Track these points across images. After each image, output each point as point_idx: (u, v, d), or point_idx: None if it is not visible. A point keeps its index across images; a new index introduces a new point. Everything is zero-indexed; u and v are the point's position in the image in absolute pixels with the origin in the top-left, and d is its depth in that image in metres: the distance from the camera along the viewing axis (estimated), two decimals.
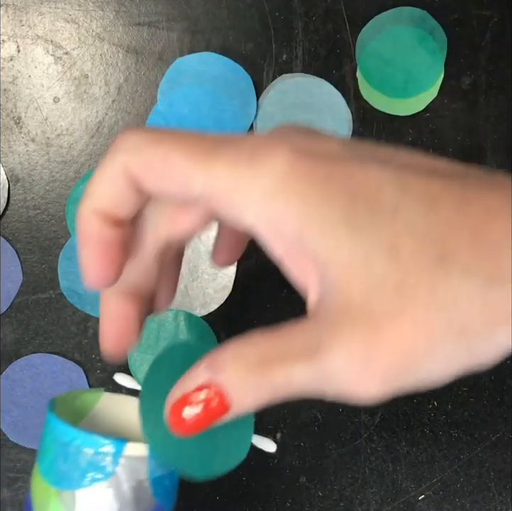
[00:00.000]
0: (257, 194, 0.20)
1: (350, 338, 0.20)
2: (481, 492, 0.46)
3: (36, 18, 0.46)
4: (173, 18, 0.46)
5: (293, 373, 0.21)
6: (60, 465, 0.26)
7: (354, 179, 0.20)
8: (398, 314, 0.19)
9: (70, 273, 0.46)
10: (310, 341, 0.21)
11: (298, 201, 0.20)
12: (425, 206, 0.20)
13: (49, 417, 0.28)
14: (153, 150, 0.22)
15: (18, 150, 0.46)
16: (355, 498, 0.46)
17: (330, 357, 0.20)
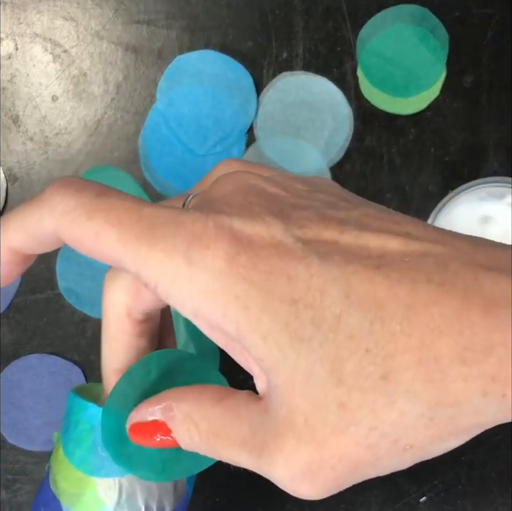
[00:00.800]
0: (194, 291, 0.20)
1: (293, 450, 0.20)
2: (482, 494, 0.46)
3: (34, 16, 0.46)
4: (172, 16, 0.46)
5: (236, 457, 0.21)
6: (99, 454, 0.25)
7: (296, 282, 0.19)
8: (341, 432, 0.19)
9: (69, 273, 0.46)
10: (256, 432, 0.21)
11: (238, 305, 0.19)
12: (370, 315, 0.19)
13: (84, 405, 0.27)
14: (84, 223, 0.21)
15: (16, 149, 0.46)
16: (356, 500, 0.46)
17: (272, 463, 0.20)
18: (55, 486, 0.26)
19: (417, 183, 0.45)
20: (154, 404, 0.23)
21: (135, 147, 0.46)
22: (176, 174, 0.45)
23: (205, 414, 0.22)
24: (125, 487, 0.25)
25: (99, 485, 0.25)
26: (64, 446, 0.26)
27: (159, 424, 0.23)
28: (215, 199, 0.22)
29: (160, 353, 0.25)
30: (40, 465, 0.46)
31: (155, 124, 0.45)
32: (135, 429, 0.24)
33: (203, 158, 0.45)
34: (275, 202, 0.21)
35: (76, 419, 0.26)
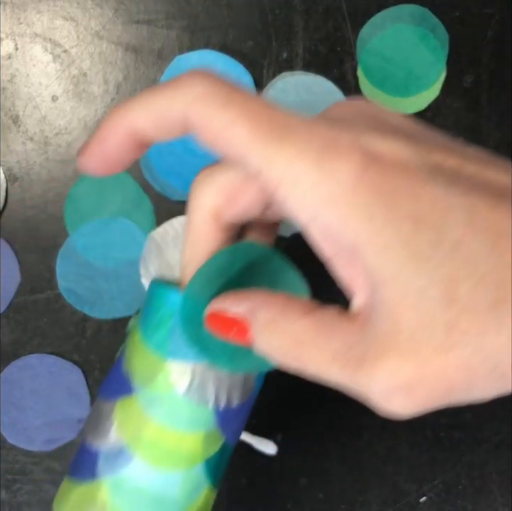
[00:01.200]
0: (318, 197, 0.20)
1: (395, 366, 0.20)
2: (482, 494, 0.46)
3: (34, 16, 0.46)
4: (172, 15, 0.46)
5: (325, 371, 0.21)
6: (176, 338, 0.25)
7: (421, 201, 0.19)
8: (445, 352, 0.19)
9: (69, 273, 0.45)
10: (351, 348, 0.21)
11: (362, 215, 0.19)
12: (489, 243, 0.19)
13: (165, 292, 0.27)
14: (218, 110, 0.21)
15: (16, 149, 0.46)
16: (356, 500, 0.46)
17: (370, 377, 0.20)
18: (129, 368, 0.26)
19: None
20: (240, 300, 0.23)
21: None
22: (176, 174, 0.45)
23: (289, 325, 0.22)
24: (198, 375, 0.25)
25: (172, 369, 0.25)
26: (143, 331, 0.26)
27: (239, 321, 0.23)
28: (341, 120, 0.22)
29: (248, 245, 0.25)
30: (40, 465, 0.46)
31: None
32: (214, 318, 0.24)
33: (203, 158, 0.45)
34: (400, 130, 0.22)
35: (157, 305, 0.26)
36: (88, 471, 0.26)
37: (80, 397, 0.45)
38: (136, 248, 0.46)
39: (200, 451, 0.26)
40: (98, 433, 0.27)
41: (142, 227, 0.45)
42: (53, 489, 0.46)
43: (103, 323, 0.46)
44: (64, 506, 0.27)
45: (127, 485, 0.25)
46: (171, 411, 0.25)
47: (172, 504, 0.26)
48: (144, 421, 0.25)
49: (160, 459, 0.25)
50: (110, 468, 0.26)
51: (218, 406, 0.26)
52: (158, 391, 0.25)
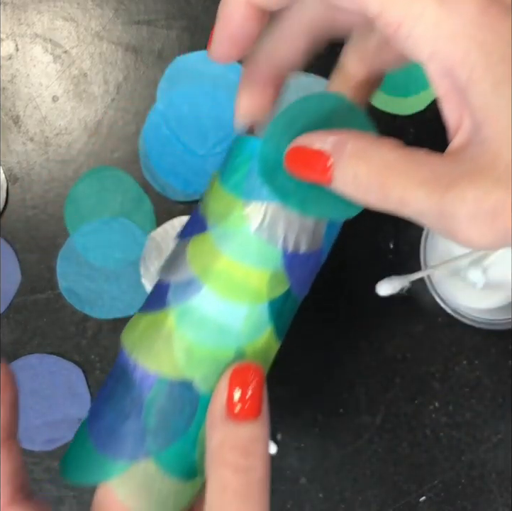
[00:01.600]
0: (440, 33, 0.20)
1: (486, 190, 0.20)
2: (482, 494, 0.46)
3: (35, 16, 0.46)
4: (172, 16, 0.46)
5: (410, 195, 0.21)
6: (252, 180, 0.26)
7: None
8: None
9: (69, 273, 0.46)
10: (441, 175, 0.21)
11: (480, 51, 0.20)
12: None
13: (247, 139, 0.27)
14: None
15: (17, 149, 0.46)
16: (356, 499, 0.46)
17: (459, 199, 0.20)
18: (205, 210, 0.28)
19: None
20: (327, 135, 0.24)
21: (135, 148, 0.46)
22: (176, 175, 0.45)
23: (380, 154, 0.22)
24: (270, 213, 0.26)
25: (247, 206, 0.26)
26: (221, 175, 0.28)
27: (322, 156, 0.23)
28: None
29: (326, 95, 0.27)
30: (41, 464, 0.46)
31: (155, 124, 0.45)
32: (296, 154, 0.24)
33: (203, 158, 0.45)
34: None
35: (237, 151, 0.27)
36: (158, 302, 0.27)
37: (80, 397, 0.46)
38: (136, 248, 0.46)
39: (265, 289, 0.26)
40: (170, 268, 0.28)
41: (142, 227, 0.46)
42: (53, 488, 0.46)
43: (103, 323, 0.46)
44: (131, 334, 0.28)
45: (194, 312, 0.26)
46: (241, 246, 0.26)
47: (234, 336, 0.26)
48: (215, 254, 0.26)
49: (227, 291, 0.26)
50: (180, 297, 0.27)
51: (286, 247, 0.26)
52: (231, 227, 0.26)
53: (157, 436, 0.26)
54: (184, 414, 0.27)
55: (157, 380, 0.26)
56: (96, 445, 0.27)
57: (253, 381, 0.25)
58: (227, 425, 0.24)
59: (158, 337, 0.27)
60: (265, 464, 0.25)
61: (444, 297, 0.42)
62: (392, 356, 0.46)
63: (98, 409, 0.28)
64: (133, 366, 0.27)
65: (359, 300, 0.45)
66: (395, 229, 0.46)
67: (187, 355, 0.26)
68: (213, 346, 0.26)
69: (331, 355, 0.46)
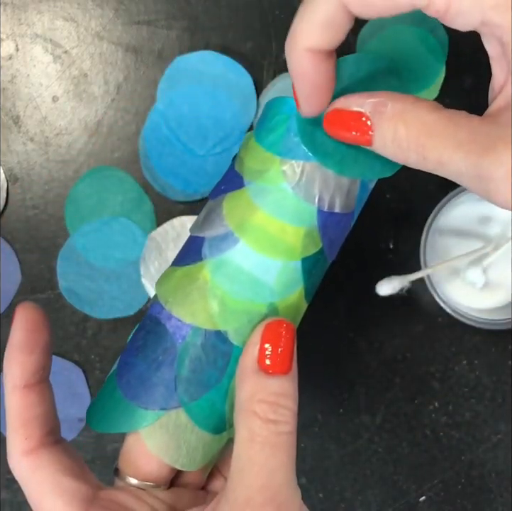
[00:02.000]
0: (485, 4, 0.21)
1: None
2: (482, 494, 0.46)
3: (35, 16, 0.46)
4: (172, 16, 0.46)
5: (448, 157, 0.22)
6: (290, 139, 0.26)
7: None
8: None
9: (69, 273, 0.46)
10: (479, 137, 0.21)
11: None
12: None
13: (284, 100, 0.28)
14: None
15: (17, 149, 0.46)
16: (356, 499, 0.46)
17: (497, 158, 0.21)
18: (240, 167, 0.28)
19: (417, 183, 0.45)
20: (366, 96, 0.24)
21: (135, 148, 0.46)
22: (176, 175, 0.45)
23: (419, 116, 0.23)
24: (307, 172, 0.26)
25: (284, 164, 0.26)
26: (257, 134, 0.28)
27: (361, 118, 0.24)
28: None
29: (374, 57, 0.27)
30: None
31: (155, 124, 0.45)
32: (334, 116, 0.25)
33: (203, 158, 0.45)
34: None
35: (274, 112, 0.28)
36: (192, 256, 0.28)
37: (81, 397, 0.46)
38: (136, 248, 0.46)
39: (299, 246, 0.27)
40: (206, 222, 0.28)
41: (142, 227, 0.46)
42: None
43: (103, 323, 0.46)
44: (166, 285, 0.28)
45: (229, 265, 0.27)
46: (277, 202, 0.26)
47: (267, 291, 0.27)
48: (251, 209, 0.27)
49: (263, 246, 0.27)
50: (215, 251, 0.27)
51: (321, 206, 0.27)
52: (268, 183, 0.27)
53: (189, 387, 0.27)
54: (216, 365, 0.27)
55: (192, 330, 0.27)
56: (126, 395, 0.27)
57: (285, 337, 0.26)
58: (258, 377, 0.25)
59: (193, 288, 0.27)
60: (294, 418, 0.25)
61: (444, 297, 0.42)
62: (392, 356, 0.46)
63: (128, 360, 0.28)
64: (167, 316, 0.27)
65: (359, 300, 0.45)
66: (395, 229, 0.46)
67: (221, 306, 0.27)
68: (246, 299, 0.27)
69: (331, 355, 0.46)
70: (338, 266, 0.46)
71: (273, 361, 0.25)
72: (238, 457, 0.24)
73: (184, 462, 0.27)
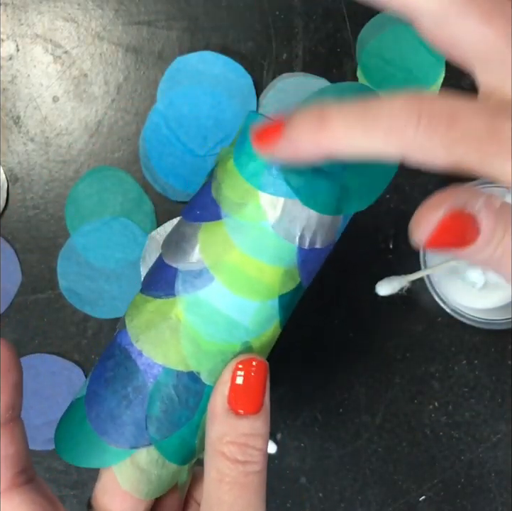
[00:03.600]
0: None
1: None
2: (481, 494, 0.46)
3: (35, 17, 0.46)
4: (173, 17, 0.46)
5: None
6: (272, 171, 0.25)
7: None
8: None
9: (69, 273, 0.46)
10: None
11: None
12: None
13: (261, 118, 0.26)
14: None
15: (17, 149, 0.46)
16: (356, 499, 0.46)
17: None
18: (218, 193, 0.26)
19: (417, 183, 0.45)
20: (475, 195, 0.20)
21: (135, 148, 0.46)
22: (177, 175, 0.45)
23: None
24: (288, 210, 0.25)
25: (264, 199, 0.25)
26: (236, 158, 0.26)
27: (474, 221, 0.20)
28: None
29: (359, 85, 0.26)
30: (41, 464, 0.46)
31: (155, 125, 0.45)
32: (449, 223, 0.20)
33: (203, 159, 0.45)
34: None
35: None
36: (165, 288, 0.27)
37: None
38: (136, 248, 0.46)
39: (277, 285, 0.26)
40: (178, 252, 0.27)
41: (142, 227, 0.46)
42: (54, 488, 0.46)
43: (104, 323, 0.46)
44: (137, 318, 0.27)
45: (203, 305, 0.26)
46: (256, 241, 0.25)
47: (242, 331, 0.26)
48: (228, 246, 0.26)
49: (239, 286, 0.26)
50: (189, 287, 0.26)
51: (302, 244, 0.25)
52: (246, 219, 0.25)
53: (160, 426, 0.26)
54: (188, 404, 0.26)
55: (163, 371, 0.26)
56: (96, 429, 0.26)
57: (256, 374, 0.25)
58: (228, 418, 0.25)
59: (165, 327, 0.26)
60: (263, 457, 0.25)
61: (444, 297, 0.42)
62: (392, 356, 0.46)
63: (97, 390, 0.27)
64: (138, 353, 0.27)
65: (359, 300, 0.45)
66: (395, 229, 0.46)
67: (195, 348, 0.26)
68: (220, 340, 0.26)
69: (331, 355, 0.46)
70: (338, 266, 0.46)
71: (243, 400, 0.25)
72: (208, 496, 0.24)
73: (154, 493, 0.27)
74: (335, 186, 0.25)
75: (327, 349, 0.46)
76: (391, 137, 0.20)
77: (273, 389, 0.25)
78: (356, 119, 0.20)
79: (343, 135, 0.21)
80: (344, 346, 0.46)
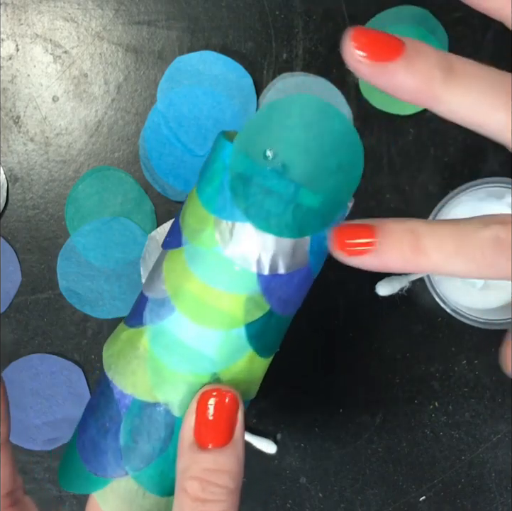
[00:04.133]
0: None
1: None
2: (482, 493, 0.46)
3: (35, 16, 0.46)
4: (173, 16, 0.46)
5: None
6: (225, 195, 0.24)
7: None
8: None
9: (69, 273, 0.46)
10: None
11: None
12: None
13: (223, 143, 0.24)
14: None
15: (17, 149, 0.46)
16: (356, 499, 0.46)
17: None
18: (182, 220, 0.26)
19: (417, 183, 0.45)
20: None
21: (135, 148, 0.46)
22: (177, 175, 0.45)
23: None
24: (241, 235, 0.24)
25: (218, 224, 0.24)
26: (198, 183, 0.25)
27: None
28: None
29: (308, 97, 0.23)
30: (41, 464, 0.46)
31: (155, 125, 0.45)
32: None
33: (203, 159, 0.45)
34: None
35: (214, 157, 0.25)
36: (137, 317, 0.26)
37: (81, 397, 0.46)
38: (136, 248, 0.46)
39: (240, 314, 0.25)
40: (150, 281, 0.26)
41: (142, 227, 0.46)
42: (54, 488, 0.46)
43: (103, 323, 0.46)
44: (111, 348, 0.27)
45: (166, 335, 0.25)
46: (213, 268, 0.24)
47: (208, 362, 0.25)
48: (186, 275, 0.25)
49: (199, 316, 0.25)
50: (155, 316, 0.25)
51: (261, 270, 0.24)
52: (202, 245, 0.24)
53: (134, 457, 0.26)
54: (160, 436, 0.26)
55: (133, 401, 0.26)
56: (81, 457, 0.27)
57: (221, 405, 0.24)
58: (192, 451, 0.23)
59: (133, 357, 0.26)
60: (228, 496, 0.23)
61: (444, 297, 0.42)
62: (392, 356, 0.46)
63: (86, 417, 0.27)
64: (111, 383, 0.26)
65: (359, 300, 0.45)
66: None
67: (160, 379, 0.25)
68: (186, 371, 0.25)
69: (331, 355, 0.46)
70: (338, 266, 0.46)
71: (208, 433, 0.24)
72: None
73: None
74: (288, 206, 0.23)
75: (327, 349, 0.46)
76: (487, 267, 0.21)
77: (273, 390, 0.25)
78: (454, 249, 0.21)
79: (441, 268, 0.21)
80: (344, 346, 0.46)
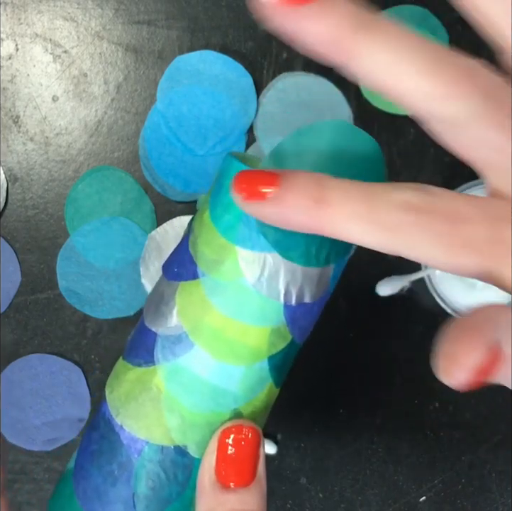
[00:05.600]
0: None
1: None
2: (482, 494, 0.46)
3: (35, 16, 0.46)
4: (172, 16, 0.46)
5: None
6: (248, 223, 0.22)
7: None
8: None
9: (69, 273, 0.46)
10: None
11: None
12: None
13: (238, 166, 0.23)
14: None
15: (17, 149, 0.46)
16: (356, 499, 0.46)
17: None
18: (194, 249, 0.24)
19: None
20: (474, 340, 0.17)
21: (135, 148, 0.46)
22: (176, 175, 0.45)
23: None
24: (269, 265, 0.22)
25: (242, 256, 0.22)
26: (212, 210, 0.24)
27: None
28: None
29: (337, 123, 0.22)
30: (41, 464, 0.46)
31: (155, 124, 0.45)
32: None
33: (203, 158, 0.45)
34: None
35: (227, 181, 0.23)
36: (144, 355, 0.25)
37: (80, 397, 0.46)
38: (136, 248, 0.46)
39: (265, 347, 0.24)
40: (158, 315, 0.25)
41: (142, 227, 0.46)
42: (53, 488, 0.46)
43: (103, 323, 0.46)
44: (116, 390, 0.25)
45: (184, 373, 0.24)
46: (237, 301, 0.23)
47: (230, 398, 0.24)
48: (206, 308, 0.23)
49: (221, 351, 0.23)
50: (169, 354, 0.24)
51: (289, 301, 0.23)
52: (224, 278, 0.23)
53: (149, 504, 0.24)
54: (177, 480, 0.25)
55: (147, 446, 0.24)
56: (83, 506, 0.25)
57: (246, 442, 0.23)
58: (215, 492, 0.23)
59: (146, 399, 0.24)
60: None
61: (444, 297, 0.42)
62: (392, 356, 0.46)
63: (83, 464, 0.26)
64: (119, 428, 0.25)
65: (359, 300, 0.45)
66: None
67: (179, 420, 0.24)
68: (207, 410, 0.24)
69: (331, 355, 0.46)
70: None
71: (231, 472, 0.23)
72: None
73: None
74: (316, 235, 0.22)
75: (327, 349, 0.46)
76: (393, 234, 0.18)
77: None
78: (360, 208, 0.18)
79: (344, 225, 0.18)
80: (343, 346, 0.46)
